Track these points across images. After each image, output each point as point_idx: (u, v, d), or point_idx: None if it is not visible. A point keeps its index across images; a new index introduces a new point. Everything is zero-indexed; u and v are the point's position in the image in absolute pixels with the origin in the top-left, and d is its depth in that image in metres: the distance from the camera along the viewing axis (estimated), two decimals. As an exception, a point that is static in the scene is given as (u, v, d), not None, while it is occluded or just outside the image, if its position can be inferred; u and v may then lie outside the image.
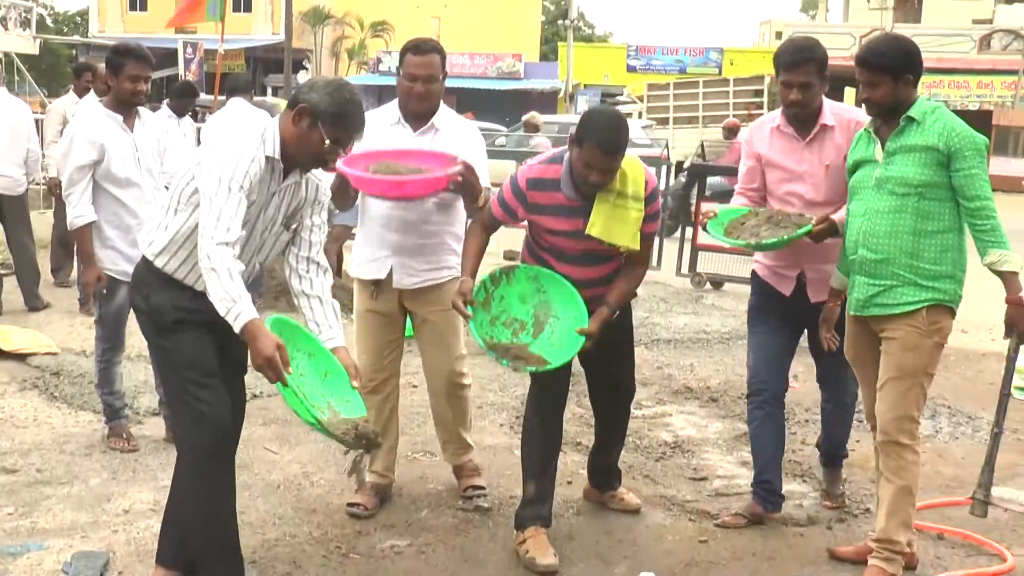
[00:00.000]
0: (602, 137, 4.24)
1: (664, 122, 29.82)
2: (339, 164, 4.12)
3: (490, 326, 4.51)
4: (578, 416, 6.47)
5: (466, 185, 4.53)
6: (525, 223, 4.70)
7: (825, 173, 4.78)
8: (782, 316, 4.98)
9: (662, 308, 10.50)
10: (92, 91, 8.87)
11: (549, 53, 57.28)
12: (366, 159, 4.56)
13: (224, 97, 9.46)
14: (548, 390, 4.70)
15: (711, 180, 13.21)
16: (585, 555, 4.65)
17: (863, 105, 4.47)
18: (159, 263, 3.84)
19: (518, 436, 6.17)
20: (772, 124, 4.92)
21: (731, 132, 16.57)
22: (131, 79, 5.53)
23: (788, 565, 4.62)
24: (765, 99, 30.33)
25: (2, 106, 8.79)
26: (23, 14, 29.22)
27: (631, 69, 43.58)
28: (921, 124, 4.28)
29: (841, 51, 40.09)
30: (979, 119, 37.91)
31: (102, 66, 9.16)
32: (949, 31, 40.65)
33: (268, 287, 9.29)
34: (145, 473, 5.35)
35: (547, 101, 40.13)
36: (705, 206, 5.08)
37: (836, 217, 4.63)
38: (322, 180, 4.01)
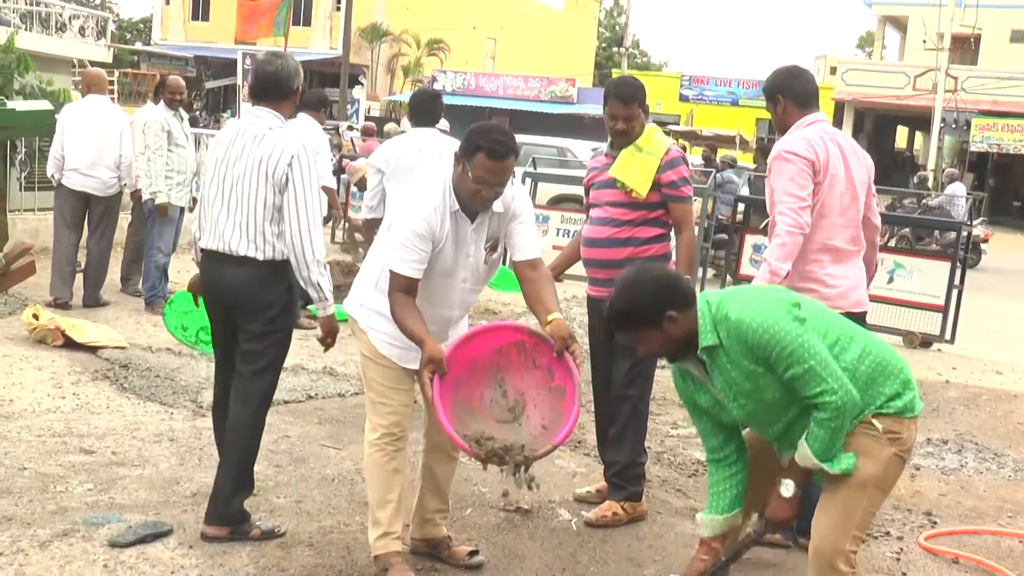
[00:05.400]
0: (618, 90, 5.40)
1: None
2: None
3: None
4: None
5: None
6: None
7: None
8: None
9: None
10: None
11: (602, 79, 57.65)
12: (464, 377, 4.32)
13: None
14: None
15: None
16: (617, 557, 4.96)
17: None
18: None
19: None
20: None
21: None
22: None
23: (807, 577, 4.91)
24: None
25: (98, 112, 9.37)
26: (99, 23, 29.98)
27: (684, 99, 43.79)
28: (724, 348, 3.71)
29: (895, 89, 40.30)
30: (1030, 164, 37.94)
31: (174, 78, 9.75)
32: (1006, 74, 40.32)
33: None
34: (210, 461, 5.70)
35: (598, 127, 40.37)
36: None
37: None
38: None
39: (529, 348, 4.39)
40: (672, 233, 5.44)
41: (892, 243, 18.30)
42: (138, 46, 54.43)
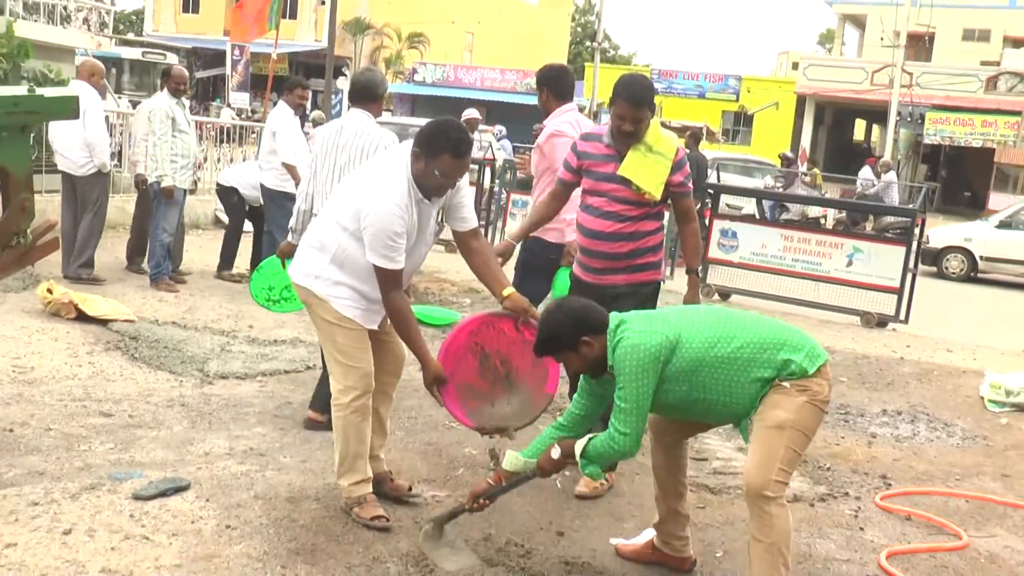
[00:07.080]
0: (628, 92, 5.28)
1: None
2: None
3: None
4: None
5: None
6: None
7: None
8: None
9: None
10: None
11: (574, 72, 57.90)
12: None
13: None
14: None
15: None
16: (599, 513, 5.37)
17: None
18: None
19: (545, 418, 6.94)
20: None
21: None
22: None
23: (772, 530, 5.35)
24: None
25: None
26: (102, 15, 29.87)
27: (653, 91, 44.12)
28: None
29: (853, 84, 41.03)
30: (981, 156, 38.75)
31: (179, 69, 10.05)
32: (958, 70, 41.19)
33: None
34: (219, 425, 6.13)
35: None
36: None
37: None
38: None
39: (495, 324, 4.91)
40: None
41: (829, 225, 19.16)
42: (131, 37, 54.51)
